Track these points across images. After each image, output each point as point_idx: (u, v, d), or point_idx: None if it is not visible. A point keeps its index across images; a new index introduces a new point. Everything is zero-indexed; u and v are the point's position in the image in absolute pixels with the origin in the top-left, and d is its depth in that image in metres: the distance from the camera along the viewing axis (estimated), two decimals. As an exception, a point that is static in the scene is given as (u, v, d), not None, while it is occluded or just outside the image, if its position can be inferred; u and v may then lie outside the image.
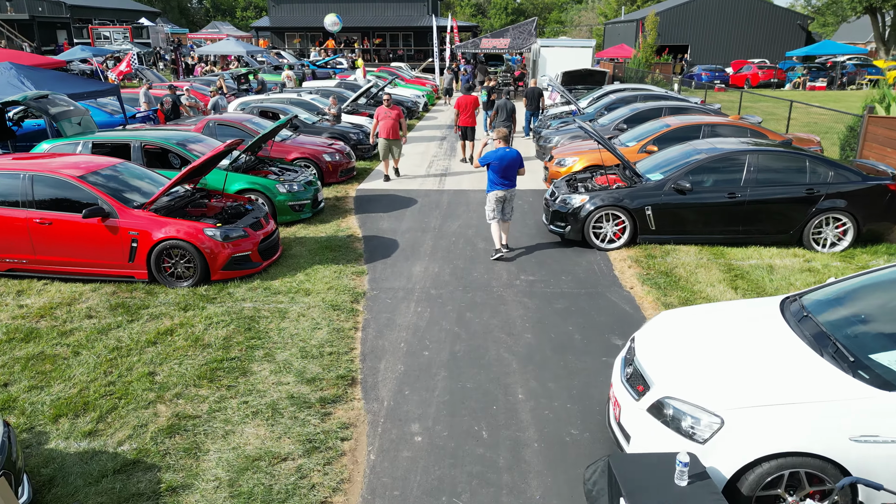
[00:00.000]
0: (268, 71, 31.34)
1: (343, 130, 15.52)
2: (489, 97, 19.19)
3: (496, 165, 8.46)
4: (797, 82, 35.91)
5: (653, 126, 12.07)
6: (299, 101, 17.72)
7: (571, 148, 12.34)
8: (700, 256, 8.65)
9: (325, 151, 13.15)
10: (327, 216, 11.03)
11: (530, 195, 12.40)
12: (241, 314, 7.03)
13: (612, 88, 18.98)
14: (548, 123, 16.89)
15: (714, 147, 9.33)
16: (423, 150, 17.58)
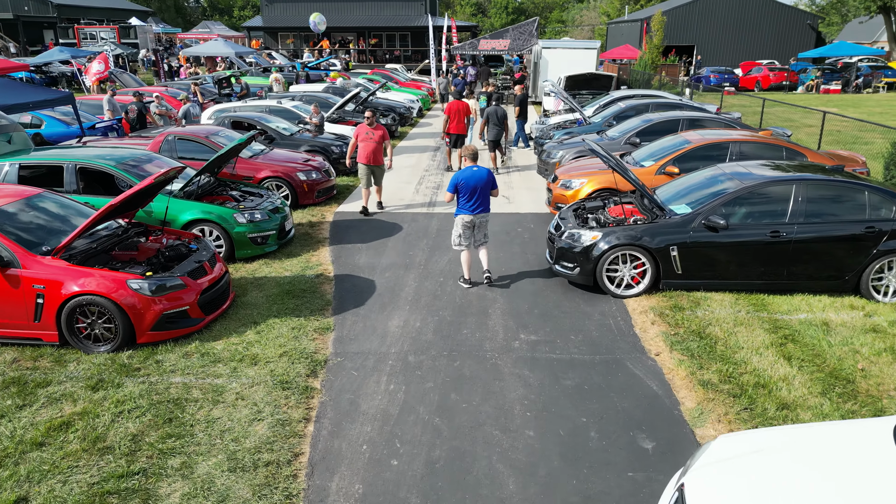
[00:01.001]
0: (256, 73, 29.83)
1: (324, 143, 14.01)
2: (489, 103, 17.68)
3: (463, 187, 7.52)
4: (810, 85, 34.38)
5: (672, 143, 10.56)
6: (279, 108, 16.23)
7: (578, 167, 10.82)
8: (737, 308, 7.14)
9: (300, 169, 11.64)
10: (297, 248, 9.52)
11: (531, 219, 10.89)
12: (165, 395, 5.53)
13: (620, 95, 17.47)
14: (550, 134, 15.38)
15: (749, 173, 7.83)
16: (413, 162, 16.06)
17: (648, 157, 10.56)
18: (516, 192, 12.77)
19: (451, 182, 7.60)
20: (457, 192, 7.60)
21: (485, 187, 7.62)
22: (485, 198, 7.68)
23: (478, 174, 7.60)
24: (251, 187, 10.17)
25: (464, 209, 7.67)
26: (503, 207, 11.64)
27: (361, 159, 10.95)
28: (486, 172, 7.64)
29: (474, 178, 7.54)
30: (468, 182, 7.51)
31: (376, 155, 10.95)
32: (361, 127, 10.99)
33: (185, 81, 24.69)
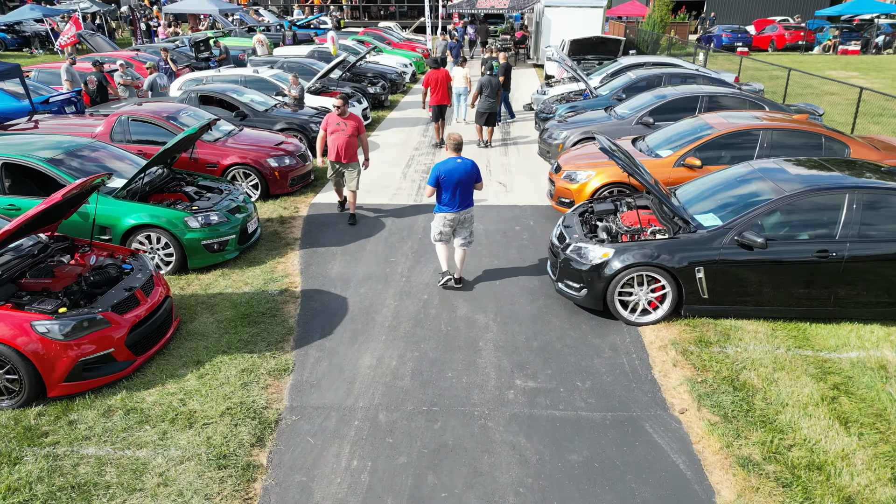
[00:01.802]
0: (240, 33, 28.02)
1: (303, 120, 12.63)
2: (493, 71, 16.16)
3: (444, 181, 6.80)
4: (827, 45, 32.50)
5: (691, 128, 9.23)
6: (255, 78, 14.77)
7: (585, 154, 9.50)
8: (775, 343, 5.99)
9: (271, 153, 10.33)
10: (262, 252, 8.32)
11: (531, 214, 9.65)
12: (71, 479, 4.42)
13: (630, 62, 15.95)
14: (552, 107, 13.98)
15: (788, 174, 6.57)
16: (403, 138, 14.69)
17: (664, 143, 9.25)
18: (514, 179, 11.48)
19: (432, 175, 6.82)
20: (438, 186, 6.81)
21: (468, 181, 6.87)
22: (468, 192, 6.97)
23: (461, 167, 6.80)
24: (211, 180, 8.90)
25: (445, 205, 6.95)
26: (499, 198, 10.39)
27: (330, 156, 9.10)
28: (469, 165, 6.86)
29: (458, 171, 6.76)
30: (450, 176, 6.74)
31: (348, 150, 8.99)
32: (331, 117, 9.02)
33: (160, 44, 23.01)
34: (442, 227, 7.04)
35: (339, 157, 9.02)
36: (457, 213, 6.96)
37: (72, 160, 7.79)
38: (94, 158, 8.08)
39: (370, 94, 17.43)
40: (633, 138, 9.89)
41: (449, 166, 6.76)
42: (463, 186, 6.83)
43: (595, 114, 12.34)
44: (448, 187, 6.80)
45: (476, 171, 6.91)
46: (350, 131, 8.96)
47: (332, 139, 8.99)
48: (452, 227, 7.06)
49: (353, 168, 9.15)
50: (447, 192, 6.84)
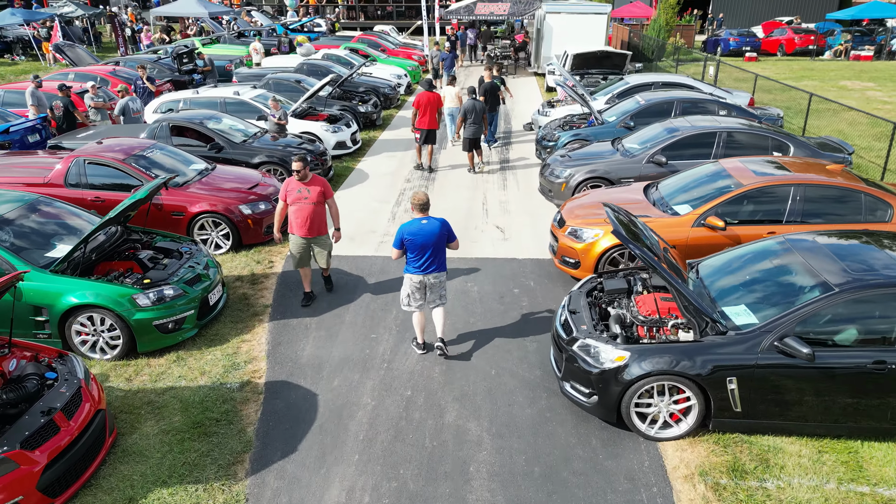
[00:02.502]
0: (229, 40, 26.94)
1: (283, 153, 11.62)
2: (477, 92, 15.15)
3: (409, 243, 6.28)
4: (838, 50, 31.40)
5: (710, 175, 8.22)
6: (235, 101, 13.75)
7: (591, 206, 8.48)
8: (823, 473, 5.01)
9: (245, 198, 9.33)
10: (225, 326, 7.34)
11: (532, 271, 8.65)
12: None
13: (636, 82, 14.91)
14: (554, 134, 12.96)
15: (834, 257, 5.58)
16: (394, 166, 13.67)
17: (680, 193, 8.24)
18: (513, 221, 10.47)
19: (396, 236, 6.34)
20: (403, 248, 6.30)
21: (437, 243, 6.33)
22: (438, 254, 6.41)
23: (427, 229, 6.27)
24: (171, 240, 7.90)
25: (412, 268, 6.43)
26: (497, 247, 9.40)
27: (294, 229, 7.48)
28: (437, 226, 6.32)
29: (423, 233, 6.25)
30: (415, 238, 6.25)
31: (315, 223, 7.44)
32: (290, 183, 7.42)
33: (140, 55, 21.99)
34: (410, 290, 6.50)
35: (305, 232, 7.47)
36: (423, 277, 6.40)
37: (6, 226, 6.80)
38: (36, 223, 7.09)
39: (361, 113, 16.40)
40: (646, 185, 8.88)
41: (413, 228, 6.26)
42: (431, 248, 6.30)
43: (601, 146, 11.34)
44: (414, 249, 6.30)
45: (445, 231, 6.38)
46: (315, 198, 7.39)
47: (294, 211, 7.43)
48: (421, 290, 6.49)
49: (323, 242, 7.67)
50: (413, 254, 6.34)
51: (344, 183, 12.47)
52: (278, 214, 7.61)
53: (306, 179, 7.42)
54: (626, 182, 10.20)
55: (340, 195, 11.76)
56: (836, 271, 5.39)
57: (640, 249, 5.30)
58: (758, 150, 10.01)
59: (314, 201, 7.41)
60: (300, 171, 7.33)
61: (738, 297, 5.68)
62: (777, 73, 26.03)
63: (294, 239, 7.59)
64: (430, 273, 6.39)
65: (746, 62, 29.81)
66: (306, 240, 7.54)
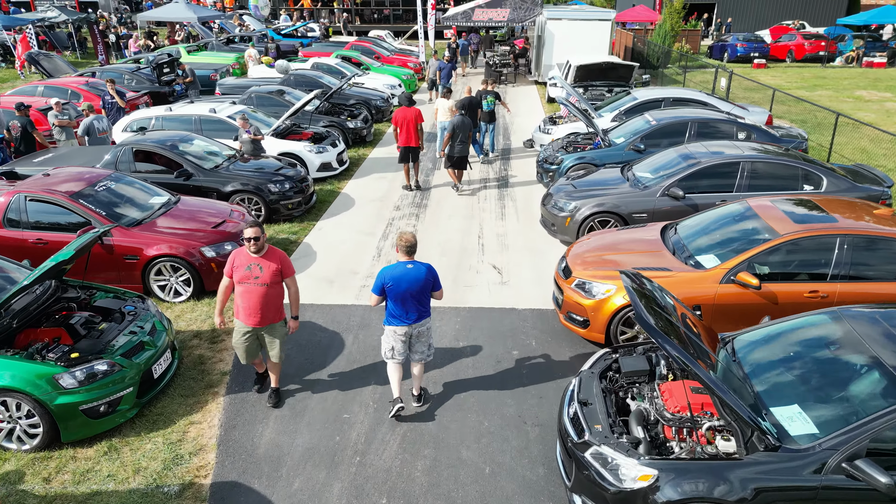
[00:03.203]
0: (217, 47, 25.85)
1: (259, 180, 10.55)
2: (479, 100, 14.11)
3: (391, 289, 5.58)
4: (850, 56, 30.29)
5: (736, 216, 7.14)
6: (212, 119, 12.67)
7: (601, 250, 7.39)
8: None
9: (209, 239, 8.25)
10: (173, 401, 6.25)
11: (533, 324, 7.56)
12: None
13: (645, 97, 13.81)
14: (557, 157, 11.88)
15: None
16: (383, 190, 12.58)
17: (703, 238, 7.13)
18: (512, 259, 9.39)
19: (376, 281, 5.62)
20: (383, 294, 5.58)
21: (421, 291, 5.65)
22: (422, 302, 5.74)
23: (412, 274, 5.59)
24: (114, 296, 6.82)
25: (394, 318, 5.72)
26: (493, 293, 8.31)
27: (238, 315, 5.80)
28: (423, 272, 5.64)
29: (406, 279, 5.56)
30: (398, 284, 5.55)
31: (266, 309, 5.74)
32: (239, 255, 5.74)
33: (119, 65, 20.93)
34: (393, 343, 5.80)
35: (254, 321, 5.75)
36: (409, 327, 5.72)
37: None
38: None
39: (349, 129, 15.32)
40: (664, 227, 7.78)
41: (396, 273, 5.56)
42: (415, 296, 5.62)
43: (609, 174, 10.27)
44: (396, 297, 5.59)
45: (431, 278, 5.69)
46: (268, 278, 5.66)
47: (242, 292, 5.70)
48: (406, 342, 5.81)
49: (275, 332, 5.91)
50: (395, 303, 5.64)
51: (327, 211, 11.39)
52: (221, 294, 5.86)
53: (262, 252, 5.72)
54: (637, 216, 9.14)
55: (322, 226, 10.69)
56: None
57: (674, 347, 4.20)
58: (786, 182, 8.95)
59: (266, 282, 5.68)
60: (255, 240, 5.60)
61: (790, 394, 4.59)
62: (789, 82, 24.97)
63: (239, 327, 5.84)
64: (414, 323, 5.70)
65: (755, 69, 28.73)
66: (254, 330, 5.85)
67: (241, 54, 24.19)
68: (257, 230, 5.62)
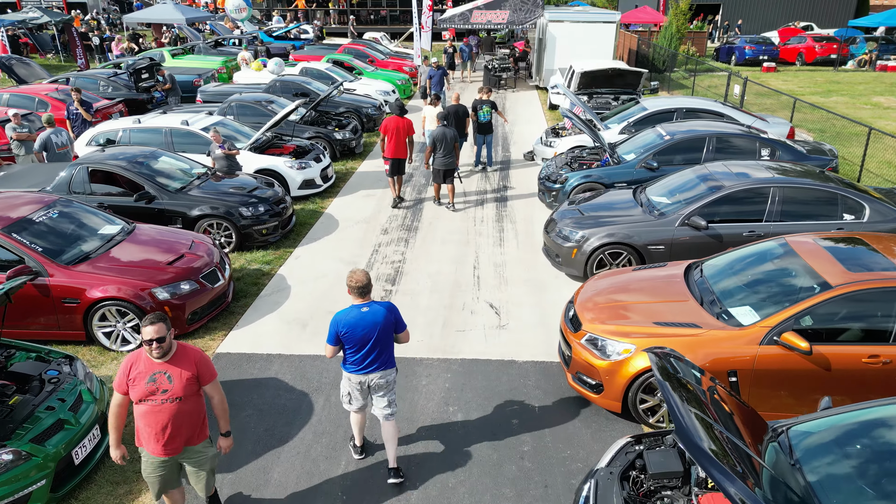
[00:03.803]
0: (204, 50, 24.77)
1: (231, 202, 9.47)
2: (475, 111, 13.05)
3: (346, 336, 4.91)
4: (863, 59, 29.20)
5: (779, 264, 6.05)
6: (183, 133, 11.59)
7: (616, 291, 6.30)
8: None
9: (162, 277, 7.16)
10: (98, 493, 5.16)
11: (535, 382, 6.48)
12: None
13: (655, 108, 12.71)
14: (560, 173, 10.81)
15: None
16: (371, 209, 11.49)
17: (737, 284, 6.06)
18: (511, 296, 8.30)
19: (330, 329, 4.96)
20: (339, 343, 4.95)
21: (381, 336, 4.97)
22: (383, 349, 5.03)
23: (368, 318, 4.92)
24: (35, 356, 5.73)
25: (352, 366, 5.05)
26: (490, 340, 7.23)
27: (147, 444, 4.26)
28: (381, 315, 4.95)
29: (362, 324, 4.91)
30: (353, 330, 4.91)
31: (187, 428, 4.28)
32: (137, 363, 4.19)
33: (96, 71, 19.88)
34: (349, 389, 5.16)
35: (164, 449, 4.23)
36: (364, 377, 5.03)
37: None
38: None
39: (337, 141, 14.24)
40: (687, 266, 6.70)
41: (350, 318, 4.89)
42: (375, 343, 4.94)
43: (619, 196, 9.20)
44: (353, 344, 4.93)
45: (392, 320, 5.01)
46: (181, 390, 4.15)
47: (145, 412, 4.15)
48: (363, 391, 5.12)
49: (200, 460, 4.44)
50: (352, 350, 4.97)
51: (307, 235, 10.31)
52: (115, 419, 4.26)
53: (168, 355, 4.18)
54: (653, 249, 8.06)
55: (300, 253, 9.61)
56: None
57: (729, 480, 3.11)
58: (823, 210, 7.89)
59: (180, 395, 4.16)
60: (157, 343, 4.07)
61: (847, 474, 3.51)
62: (801, 87, 23.89)
63: (147, 458, 4.31)
64: (372, 371, 5.01)
65: (764, 73, 27.65)
66: (169, 460, 4.31)
67: (229, 58, 23.17)
68: (160, 328, 4.06)
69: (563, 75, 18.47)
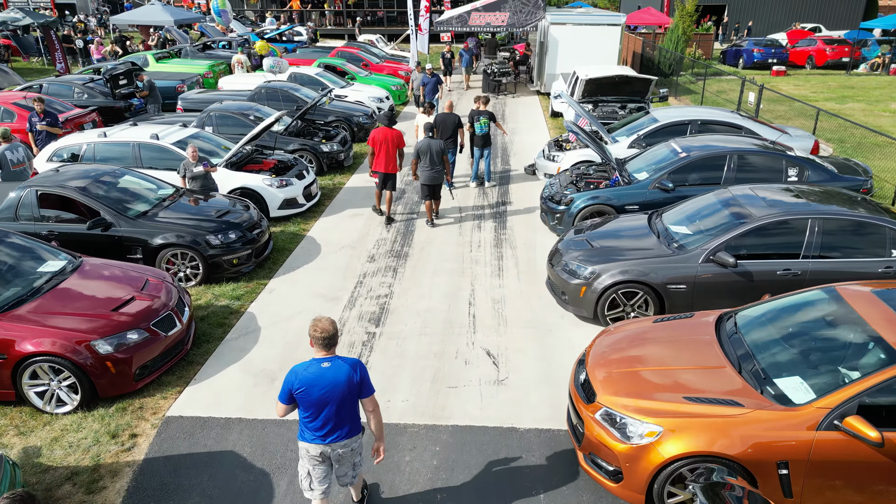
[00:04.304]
0: (191, 53, 23.74)
1: (197, 230, 8.45)
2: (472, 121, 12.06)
3: (302, 396, 4.11)
4: (875, 63, 28.19)
5: (832, 322, 5.05)
6: (153, 148, 10.59)
7: (635, 340, 5.30)
8: None
9: (104, 326, 6.15)
10: None
11: (539, 455, 5.46)
12: None
13: (667, 120, 11.67)
14: (565, 195, 9.80)
15: None
16: (357, 232, 10.47)
17: (782, 347, 5.06)
18: (511, 341, 7.28)
19: (284, 385, 4.20)
20: (293, 402, 4.22)
21: (344, 398, 4.19)
22: (348, 413, 4.27)
23: (329, 377, 4.15)
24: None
25: (309, 433, 4.28)
26: (487, 399, 6.21)
27: None
28: (344, 374, 4.17)
29: (321, 383, 4.14)
30: (309, 390, 4.14)
31: None
32: None
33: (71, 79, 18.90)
34: (309, 466, 4.38)
35: None
36: (325, 447, 4.30)
37: None
38: None
39: (324, 153, 13.23)
40: (718, 318, 5.69)
41: (308, 375, 4.15)
42: (335, 407, 4.19)
43: (632, 223, 8.21)
44: (309, 407, 4.19)
45: (357, 381, 4.21)
46: None
47: None
48: (326, 464, 4.37)
49: None
50: (309, 415, 4.23)
51: (285, 263, 9.30)
52: None
53: None
54: (674, 289, 7.06)
55: (275, 286, 8.60)
56: None
57: None
58: (869, 245, 6.88)
59: None
60: None
61: None
62: (814, 92, 22.89)
63: None
64: (335, 441, 4.27)
65: (774, 77, 26.64)
66: None
67: (217, 62, 22.16)
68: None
69: (566, 81, 17.48)
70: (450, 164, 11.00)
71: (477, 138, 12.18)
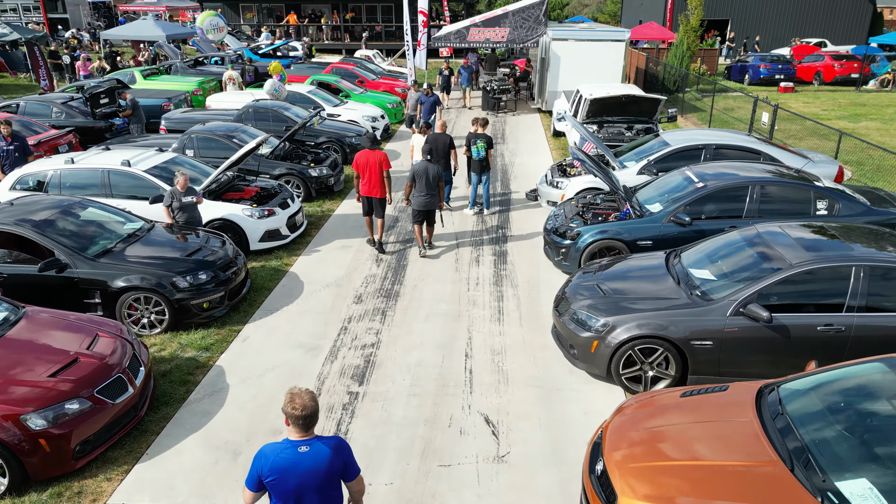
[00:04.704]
0: (181, 70, 22.99)
1: (164, 267, 7.58)
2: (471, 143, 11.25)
3: (275, 485, 3.46)
4: (885, 79, 27.46)
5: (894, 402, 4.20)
6: (125, 175, 9.77)
7: (663, 428, 4.42)
8: None
9: (39, 396, 5.26)
10: None
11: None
12: None
13: (680, 143, 10.83)
14: (571, 229, 8.96)
15: None
16: (344, 267, 9.60)
17: (837, 434, 4.19)
18: (514, 401, 6.39)
19: (252, 469, 3.50)
20: (263, 489, 3.51)
21: (323, 486, 3.48)
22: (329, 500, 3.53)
23: (307, 463, 3.43)
24: None
25: None
26: (484, 485, 5.31)
27: None
28: (325, 459, 3.46)
29: (297, 470, 3.42)
30: (284, 478, 3.43)
31: None
32: None
33: (50, 98, 18.11)
34: None
35: None
36: None
37: None
38: None
39: (312, 178, 12.40)
40: (757, 394, 4.80)
41: (282, 461, 3.44)
42: (314, 496, 3.49)
43: (647, 263, 7.37)
44: (282, 495, 3.48)
45: (340, 465, 3.53)
46: None
47: None
48: None
49: None
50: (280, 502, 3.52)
51: (262, 305, 8.43)
52: None
53: None
54: (699, 345, 6.18)
55: (249, 333, 7.73)
56: None
57: None
58: (923, 296, 6.00)
59: None
60: None
61: None
62: (825, 110, 22.13)
63: None
64: None
65: (781, 93, 25.91)
66: None
67: (207, 79, 21.40)
68: None
69: (569, 100, 16.70)
70: (444, 189, 10.24)
71: (474, 163, 11.35)
